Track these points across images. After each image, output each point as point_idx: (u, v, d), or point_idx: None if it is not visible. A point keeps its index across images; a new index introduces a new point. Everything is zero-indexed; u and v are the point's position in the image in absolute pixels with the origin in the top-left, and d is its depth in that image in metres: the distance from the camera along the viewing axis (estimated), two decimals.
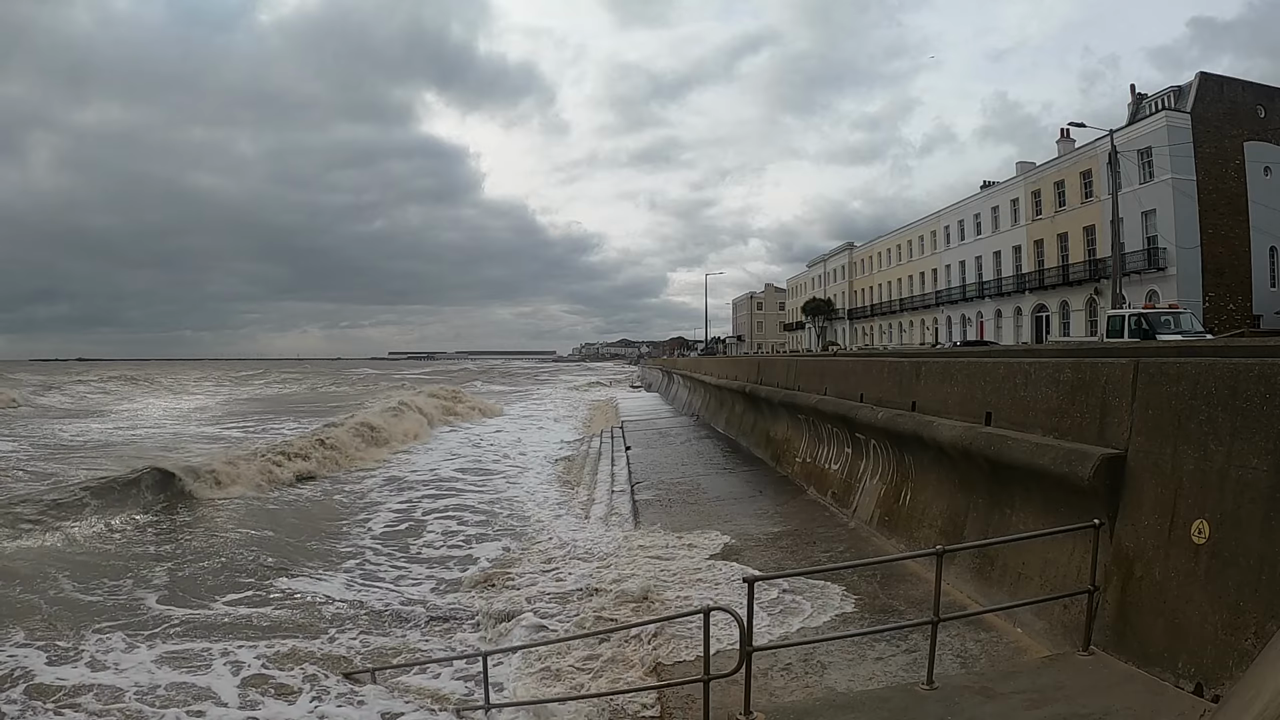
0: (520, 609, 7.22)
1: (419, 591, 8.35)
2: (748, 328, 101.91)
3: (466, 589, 8.24)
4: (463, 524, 11.62)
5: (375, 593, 8.31)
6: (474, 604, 7.67)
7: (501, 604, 7.46)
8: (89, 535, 10.38)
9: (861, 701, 3.99)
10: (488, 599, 7.72)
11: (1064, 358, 6.02)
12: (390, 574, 9.08)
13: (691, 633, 5.79)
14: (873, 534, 8.47)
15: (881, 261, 63.24)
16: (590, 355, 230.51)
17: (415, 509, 12.83)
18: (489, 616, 7.17)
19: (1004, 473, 5.87)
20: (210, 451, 17.36)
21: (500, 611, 7.22)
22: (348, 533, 11.21)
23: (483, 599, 7.76)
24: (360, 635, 6.99)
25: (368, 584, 8.66)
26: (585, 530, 10.49)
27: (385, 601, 7.99)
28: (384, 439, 21.02)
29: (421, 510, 12.74)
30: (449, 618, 7.39)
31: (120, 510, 11.55)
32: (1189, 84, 34.52)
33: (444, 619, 7.37)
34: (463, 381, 65.02)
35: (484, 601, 7.67)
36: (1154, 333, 18.30)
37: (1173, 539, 4.00)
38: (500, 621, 6.99)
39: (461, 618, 7.35)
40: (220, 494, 13.36)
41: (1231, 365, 3.87)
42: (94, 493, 11.93)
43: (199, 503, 12.74)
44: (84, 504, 11.39)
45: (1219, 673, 3.51)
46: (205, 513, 12.18)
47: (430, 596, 8.16)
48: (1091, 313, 36.38)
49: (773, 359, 25.22)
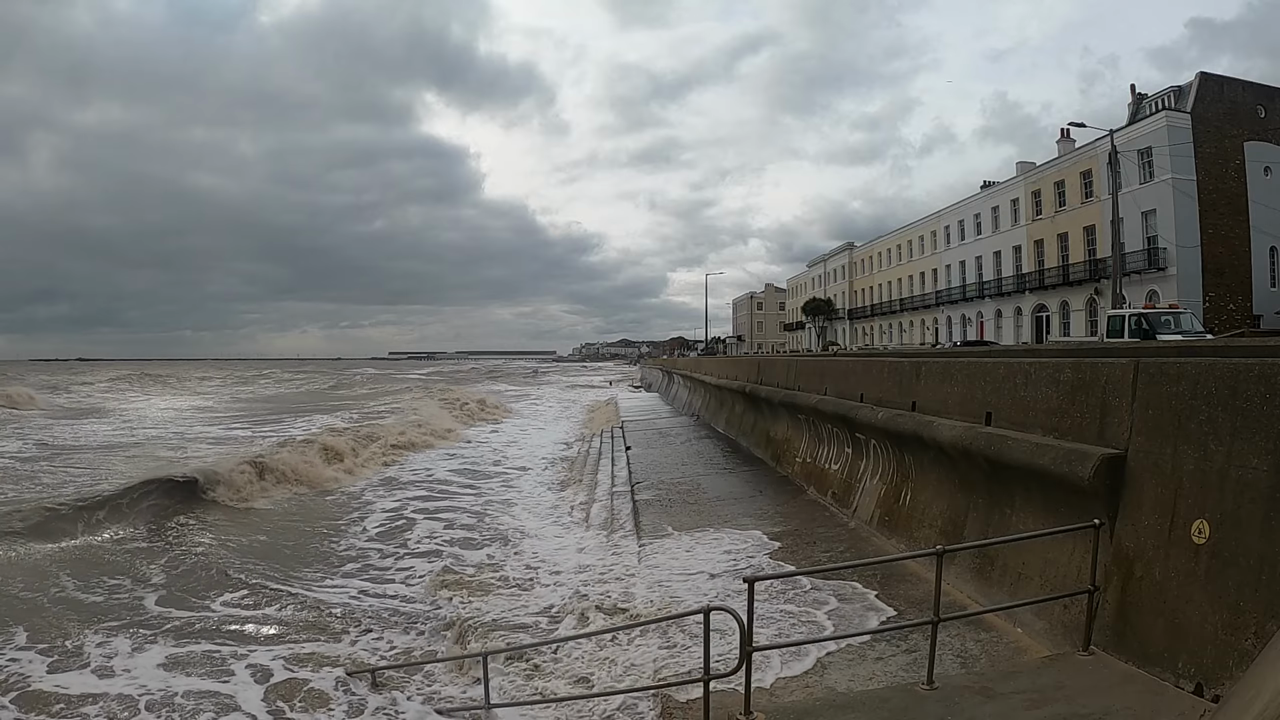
0: (514, 614, 7.22)
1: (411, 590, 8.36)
2: (748, 328, 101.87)
3: (433, 590, 8.25)
4: (451, 528, 11.50)
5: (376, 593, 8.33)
6: (468, 605, 7.67)
7: (495, 611, 7.47)
8: (114, 538, 10.19)
9: (861, 701, 3.99)
10: (473, 602, 7.73)
11: (1064, 358, 6.02)
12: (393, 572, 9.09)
13: (691, 632, 5.80)
14: (873, 534, 8.47)
15: (882, 261, 63.21)
16: (590, 355, 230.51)
17: (404, 508, 12.81)
18: (482, 623, 7.17)
19: (1004, 473, 5.87)
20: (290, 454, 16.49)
21: (494, 619, 7.22)
22: (344, 536, 11.21)
23: (470, 602, 7.77)
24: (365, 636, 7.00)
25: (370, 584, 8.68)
26: (585, 536, 10.49)
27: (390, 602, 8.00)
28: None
29: (412, 508, 12.73)
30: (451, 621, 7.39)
31: (166, 513, 11.42)
32: (1189, 84, 34.50)
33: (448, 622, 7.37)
34: (472, 382, 65.37)
35: (479, 603, 7.68)
36: (1154, 333, 18.28)
37: (1173, 539, 4.00)
38: (496, 628, 6.99)
39: (463, 619, 7.35)
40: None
41: (1231, 365, 3.87)
42: (145, 491, 11.87)
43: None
44: (120, 507, 11.21)
45: (1219, 673, 3.51)
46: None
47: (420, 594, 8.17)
48: (1091, 313, 36.37)
49: (773, 359, 25.21)
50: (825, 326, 73.61)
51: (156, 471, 13.71)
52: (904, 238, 58.95)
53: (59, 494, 12.86)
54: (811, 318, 75.82)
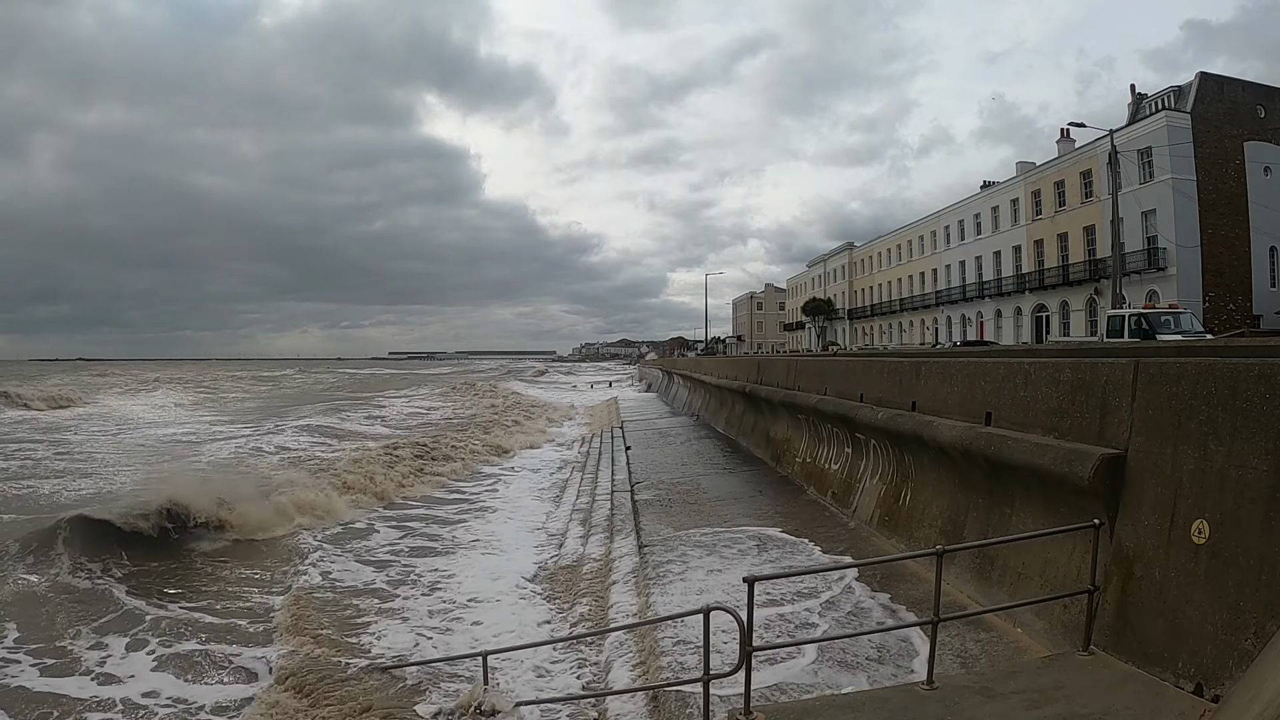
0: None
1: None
2: (748, 328, 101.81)
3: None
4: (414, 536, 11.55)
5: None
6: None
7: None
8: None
9: (861, 701, 3.98)
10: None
11: (1064, 358, 6.02)
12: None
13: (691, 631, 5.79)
14: (873, 534, 8.46)
15: (882, 261, 63.17)
16: (590, 355, 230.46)
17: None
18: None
19: (1004, 473, 5.87)
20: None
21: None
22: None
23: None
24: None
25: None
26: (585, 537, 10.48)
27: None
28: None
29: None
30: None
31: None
32: (1189, 84, 34.47)
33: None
34: (504, 380, 66.57)
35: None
36: (1154, 333, 18.27)
37: (1173, 539, 4.00)
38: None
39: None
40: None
41: (1231, 365, 3.87)
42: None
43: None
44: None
45: (1219, 673, 3.51)
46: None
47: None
48: (1091, 313, 36.34)
49: (773, 359, 25.20)
50: (825, 326, 73.57)
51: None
52: (904, 238, 58.90)
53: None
54: (811, 318, 75.78)
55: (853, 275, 69.06)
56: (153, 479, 13.79)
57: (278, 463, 17.89)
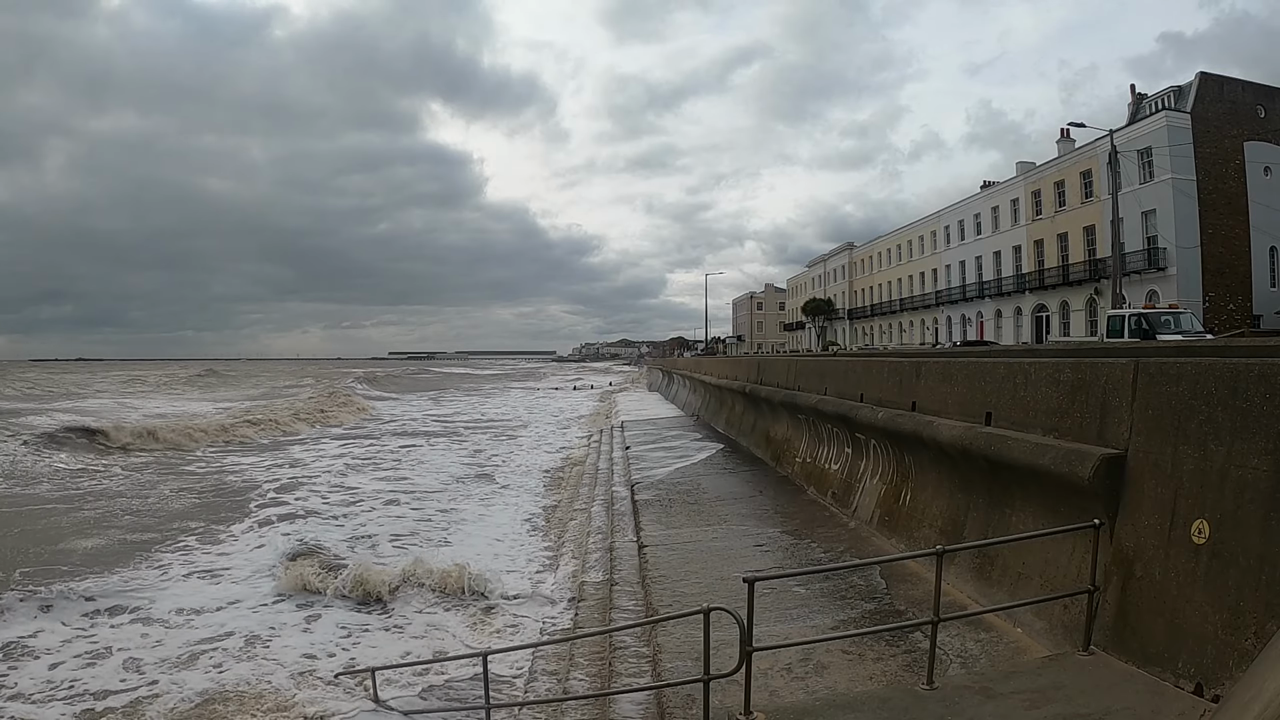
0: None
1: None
2: (748, 328, 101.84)
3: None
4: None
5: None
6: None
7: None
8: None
9: (861, 701, 3.98)
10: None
11: (1064, 358, 6.02)
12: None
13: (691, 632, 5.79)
14: (873, 534, 8.46)
15: (881, 261, 63.18)
16: (590, 355, 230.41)
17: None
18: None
19: (1004, 473, 5.86)
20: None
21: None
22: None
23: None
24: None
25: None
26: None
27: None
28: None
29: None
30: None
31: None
32: (1189, 84, 34.48)
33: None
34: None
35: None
36: (1154, 333, 18.28)
37: (1173, 539, 4.00)
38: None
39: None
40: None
41: (1231, 365, 3.87)
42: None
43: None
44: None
45: (1219, 673, 3.51)
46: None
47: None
48: (1091, 313, 36.36)
49: (773, 359, 25.19)
50: (825, 326, 73.60)
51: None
52: (904, 238, 58.92)
53: None
54: (811, 318, 75.82)
55: (853, 275, 69.08)
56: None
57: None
